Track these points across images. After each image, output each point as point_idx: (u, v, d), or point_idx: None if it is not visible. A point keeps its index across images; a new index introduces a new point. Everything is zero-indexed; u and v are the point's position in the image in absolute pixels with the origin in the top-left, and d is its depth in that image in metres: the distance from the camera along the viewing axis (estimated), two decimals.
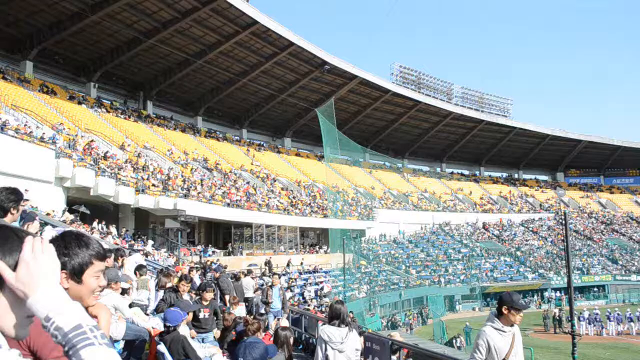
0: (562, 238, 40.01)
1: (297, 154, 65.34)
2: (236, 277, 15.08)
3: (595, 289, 54.17)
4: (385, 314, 39.00)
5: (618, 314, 36.06)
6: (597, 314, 36.33)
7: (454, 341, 29.52)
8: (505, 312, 4.66)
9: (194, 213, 32.98)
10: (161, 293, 8.68)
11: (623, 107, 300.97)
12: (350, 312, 24.79)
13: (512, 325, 4.68)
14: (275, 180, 51.03)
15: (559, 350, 24.81)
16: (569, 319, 20.84)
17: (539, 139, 78.18)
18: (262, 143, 63.09)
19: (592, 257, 60.56)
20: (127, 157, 34.05)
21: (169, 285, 8.98)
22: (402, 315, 40.59)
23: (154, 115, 50.61)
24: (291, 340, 5.71)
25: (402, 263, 51.30)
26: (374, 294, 40.10)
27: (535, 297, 50.76)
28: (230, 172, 46.10)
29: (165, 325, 5.85)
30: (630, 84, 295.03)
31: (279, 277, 14.96)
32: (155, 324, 6.64)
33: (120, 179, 29.19)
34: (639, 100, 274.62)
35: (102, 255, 1.73)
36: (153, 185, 31.98)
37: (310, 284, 34.52)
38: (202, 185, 37.31)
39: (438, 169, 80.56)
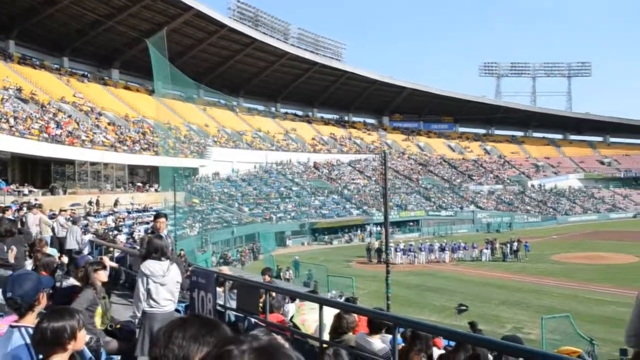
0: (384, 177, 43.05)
1: (126, 87, 61.52)
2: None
3: (411, 223, 59.78)
4: (217, 251, 39.39)
5: (430, 245, 40.49)
6: (410, 245, 40.51)
7: (282, 274, 30.94)
8: None
9: (5, 148, 29.94)
10: None
11: (443, 58, 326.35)
12: (181, 249, 24.64)
13: None
14: (100, 115, 47.69)
15: (376, 278, 27.14)
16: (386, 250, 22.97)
17: (368, 84, 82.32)
18: (86, 73, 58.18)
19: (409, 195, 66.47)
20: None
21: None
22: (234, 251, 41.30)
23: None
24: (101, 276, 5.56)
25: (235, 201, 51.81)
26: (206, 231, 40.15)
27: (359, 231, 54.66)
28: (49, 104, 42.04)
29: None
30: (449, 40, 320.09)
31: (166, 219, 9.91)
32: None
33: None
34: (458, 54, 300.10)
35: None
36: None
37: (139, 223, 33.46)
38: (15, 118, 33.64)
39: (273, 109, 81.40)
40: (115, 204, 34.39)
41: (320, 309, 5.15)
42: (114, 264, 10.71)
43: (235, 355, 1.06)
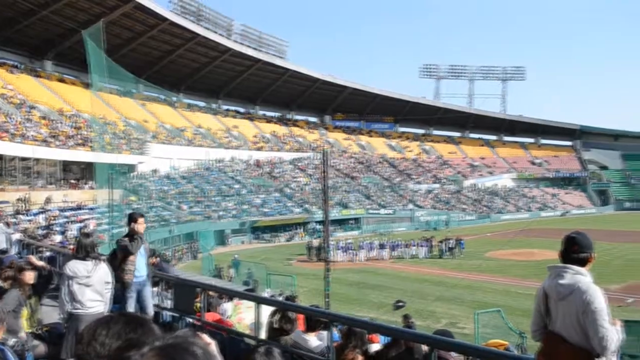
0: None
1: (61, 80, 59.18)
2: None
3: (352, 221, 60.40)
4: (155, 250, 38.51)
5: (370, 243, 41.08)
6: (350, 243, 40.99)
7: (223, 272, 30.67)
8: (591, 260, 3.41)
9: None
10: None
11: (384, 59, 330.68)
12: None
13: None
14: (32, 108, 45.72)
15: (317, 276, 27.32)
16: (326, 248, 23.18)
17: (310, 83, 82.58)
18: (16, 64, 55.58)
19: (350, 193, 67.15)
20: None
21: None
22: (171, 250, 40.51)
23: None
24: (28, 277, 5.34)
25: (173, 199, 50.84)
26: (144, 230, 39.13)
27: (300, 229, 54.75)
28: None
29: None
30: (391, 40, 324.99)
31: (144, 220, 7.83)
32: None
33: None
34: (399, 55, 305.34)
35: None
36: None
37: (73, 221, 32.30)
38: None
39: (214, 105, 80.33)
40: (47, 201, 33.05)
41: (257, 307, 5.14)
42: (43, 264, 10.28)
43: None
